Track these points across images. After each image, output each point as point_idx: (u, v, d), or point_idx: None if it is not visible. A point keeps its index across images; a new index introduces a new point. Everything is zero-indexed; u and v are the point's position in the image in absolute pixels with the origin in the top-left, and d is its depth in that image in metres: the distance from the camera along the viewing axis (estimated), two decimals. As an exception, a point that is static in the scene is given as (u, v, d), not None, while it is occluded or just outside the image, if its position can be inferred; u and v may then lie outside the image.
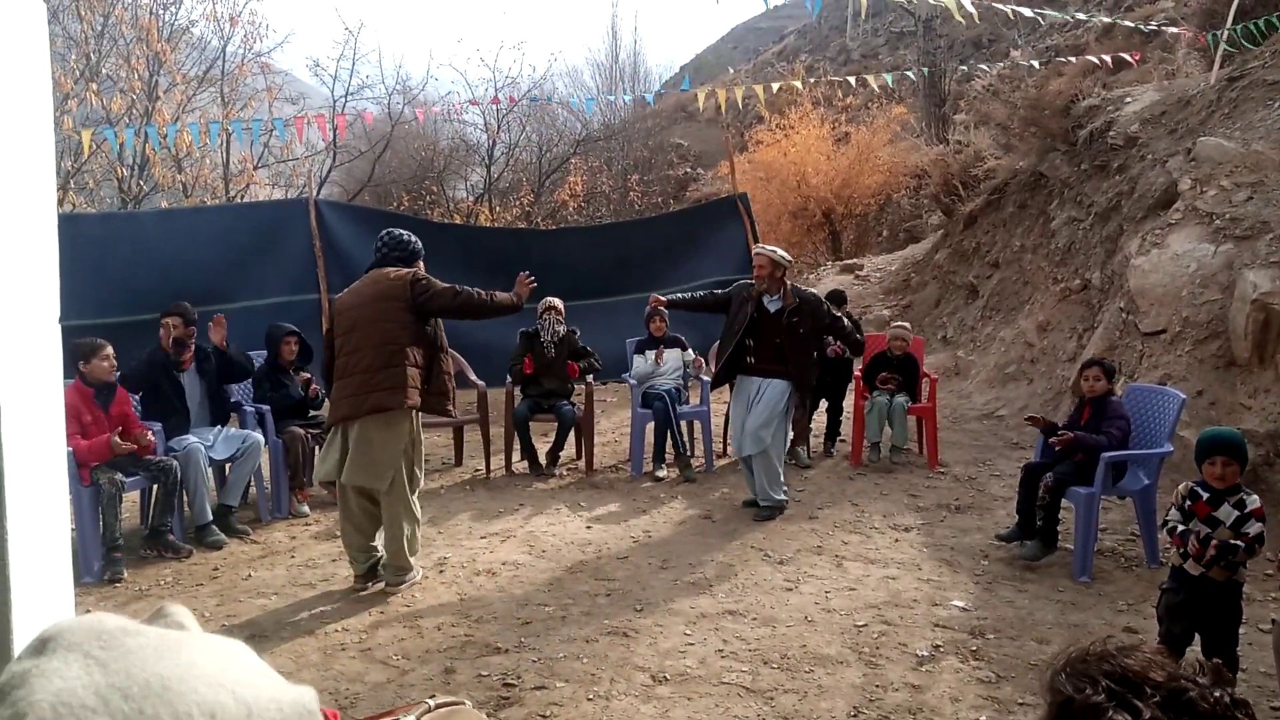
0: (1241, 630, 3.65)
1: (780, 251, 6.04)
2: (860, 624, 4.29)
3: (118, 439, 5.07)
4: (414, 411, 4.67)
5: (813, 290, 6.23)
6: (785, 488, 6.04)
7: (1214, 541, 3.47)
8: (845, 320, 6.25)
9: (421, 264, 4.87)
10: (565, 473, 7.03)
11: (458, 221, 16.71)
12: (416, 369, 4.62)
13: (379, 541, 4.84)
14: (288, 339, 6.29)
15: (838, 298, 7.71)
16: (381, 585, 4.78)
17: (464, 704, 1.56)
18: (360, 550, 4.78)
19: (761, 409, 5.91)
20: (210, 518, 5.53)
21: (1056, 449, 5.08)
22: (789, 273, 6.09)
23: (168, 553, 5.26)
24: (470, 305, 4.74)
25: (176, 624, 0.67)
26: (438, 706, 1.48)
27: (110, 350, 5.23)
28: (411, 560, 4.81)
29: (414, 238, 4.86)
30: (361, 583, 4.81)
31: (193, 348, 5.81)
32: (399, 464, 4.63)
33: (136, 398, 5.70)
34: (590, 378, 7.19)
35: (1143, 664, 1.05)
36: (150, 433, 5.30)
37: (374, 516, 4.77)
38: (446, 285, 4.68)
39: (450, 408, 4.85)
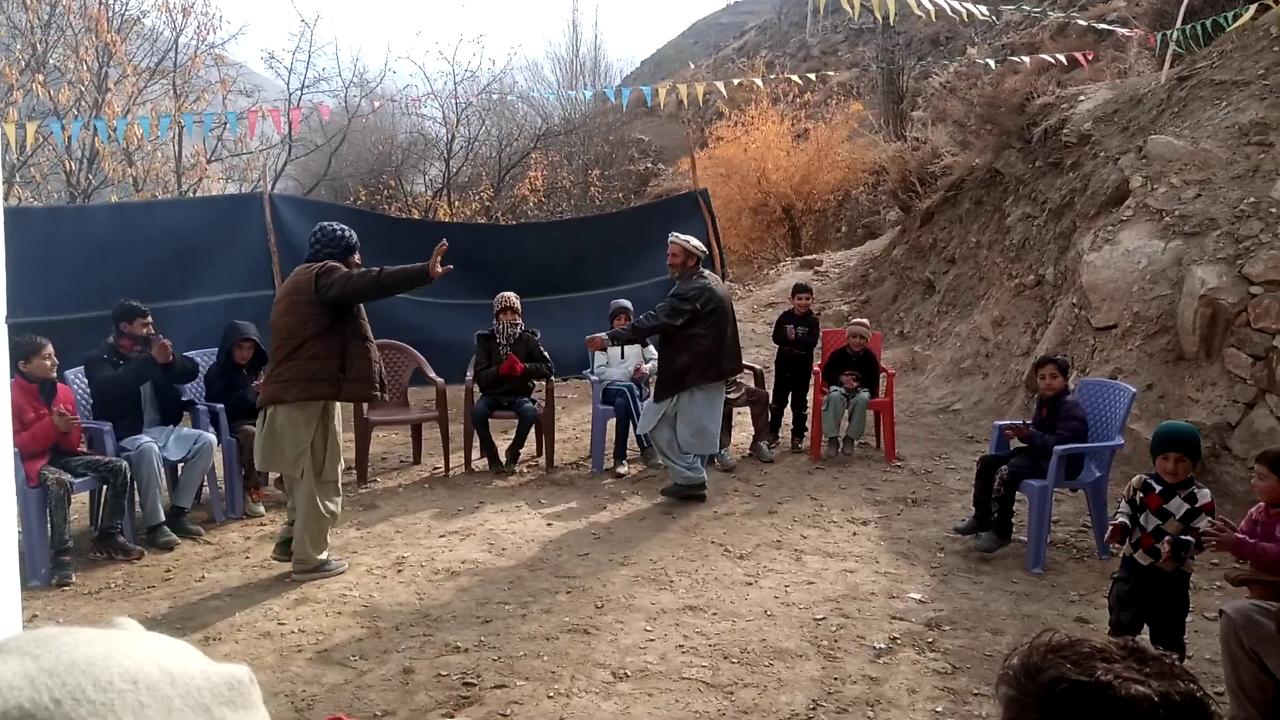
0: (1189, 619, 3.74)
1: (695, 241, 6.04)
2: (819, 617, 4.33)
3: (61, 411, 5.03)
4: (321, 404, 4.74)
5: (694, 282, 5.92)
6: (688, 471, 6.05)
7: (1167, 538, 3.54)
8: (665, 311, 5.91)
9: (357, 257, 4.86)
10: (525, 470, 7.00)
11: (416, 216, 16.56)
12: (323, 361, 4.65)
13: None
14: (241, 343, 6.16)
15: (798, 289, 7.81)
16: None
17: None
18: (289, 523, 4.94)
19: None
20: (162, 518, 5.43)
21: (1010, 441, 5.18)
22: (700, 264, 6.06)
23: (118, 555, 5.16)
24: (367, 285, 4.67)
25: (122, 627, 0.69)
26: None
27: (50, 348, 5.11)
28: (317, 556, 4.85)
29: (348, 231, 4.83)
30: (278, 554, 4.94)
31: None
32: (306, 453, 4.72)
33: (86, 395, 5.58)
34: (552, 376, 7.16)
35: (1105, 644, 1.06)
36: (78, 420, 5.24)
37: None
38: (350, 274, 4.66)
39: (375, 393, 4.89)
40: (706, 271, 6.09)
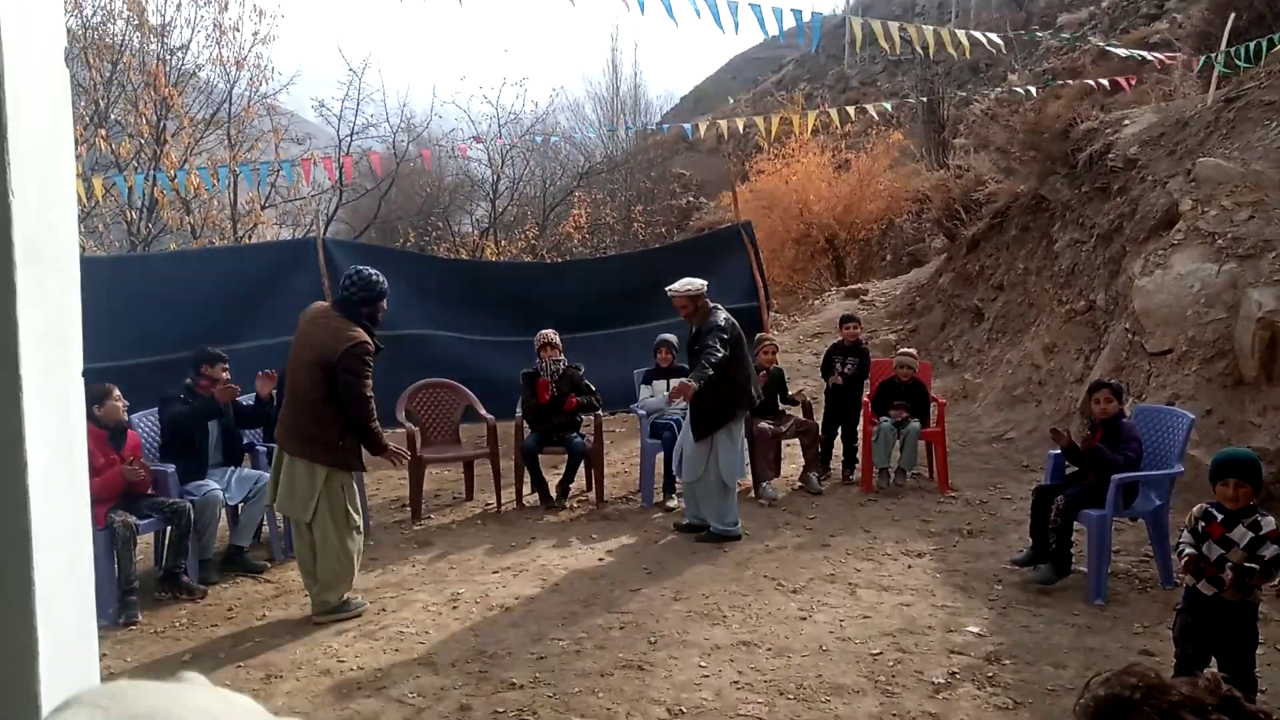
0: (1259, 651, 3.64)
1: (696, 282, 6.10)
2: (875, 652, 4.29)
3: (131, 463, 5.20)
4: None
5: (715, 316, 6.00)
6: (736, 520, 6.08)
7: (1229, 565, 3.47)
8: (717, 344, 5.83)
9: (385, 303, 5.00)
10: (576, 505, 7.03)
11: (464, 256, 16.83)
12: (325, 426, 4.78)
13: None
14: None
15: (846, 319, 7.80)
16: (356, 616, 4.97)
17: None
18: (310, 577, 4.99)
19: (684, 436, 6.22)
20: (209, 556, 5.60)
21: (1081, 448, 5.06)
22: (706, 299, 6.11)
23: (182, 594, 5.28)
24: (356, 415, 4.81)
25: (188, 681, 0.75)
26: None
27: (118, 391, 5.31)
28: (341, 597, 4.94)
29: (381, 280, 4.94)
30: (319, 616, 4.96)
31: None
32: (316, 500, 4.80)
33: (152, 439, 5.75)
34: (600, 409, 7.21)
35: (1191, 687, 1.01)
36: (146, 472, 5.36)
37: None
38: (361, 390, 4.76)
39: (363, 467, 5.11)
40: (717, 305, 6.18)
